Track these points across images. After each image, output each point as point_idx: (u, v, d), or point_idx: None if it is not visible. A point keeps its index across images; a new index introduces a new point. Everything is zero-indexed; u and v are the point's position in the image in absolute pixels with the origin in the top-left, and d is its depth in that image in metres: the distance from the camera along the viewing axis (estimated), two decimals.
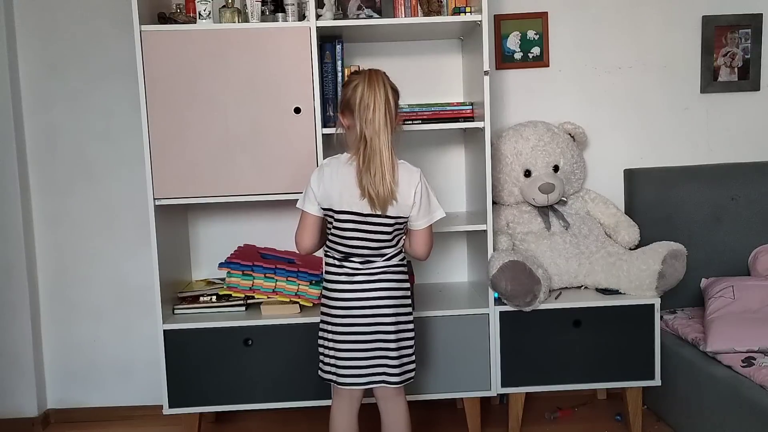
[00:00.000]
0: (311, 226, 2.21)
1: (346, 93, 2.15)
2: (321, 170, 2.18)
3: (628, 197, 3.06)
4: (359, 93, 2.09)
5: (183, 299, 2.72)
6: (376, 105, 2.07)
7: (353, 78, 2.16)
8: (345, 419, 2.24)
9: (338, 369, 2.18)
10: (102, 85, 2.94)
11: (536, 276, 2.56)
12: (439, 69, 2.99)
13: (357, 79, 2.13)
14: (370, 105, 2.07)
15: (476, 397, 2.69)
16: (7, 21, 2.86)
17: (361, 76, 2.13)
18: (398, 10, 2.67)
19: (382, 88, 2.09)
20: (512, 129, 2.93)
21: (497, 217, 2.89)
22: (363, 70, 2.17)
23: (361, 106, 2.08)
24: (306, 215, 2.20)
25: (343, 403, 2.24)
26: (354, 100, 2.10)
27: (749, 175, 3.00)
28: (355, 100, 2.09)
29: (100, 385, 3.06)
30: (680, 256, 2.67)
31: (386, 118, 2.08)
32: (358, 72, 2.19)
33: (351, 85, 2.14)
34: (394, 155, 2.11)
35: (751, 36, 3.06)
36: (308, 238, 2.22)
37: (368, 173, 2.08)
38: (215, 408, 2.64)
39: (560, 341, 2.64)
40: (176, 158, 2.53)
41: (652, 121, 3.09)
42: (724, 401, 2.37)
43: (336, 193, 2.13)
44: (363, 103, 2.08)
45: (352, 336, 2.16)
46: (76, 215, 3.00)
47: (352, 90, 2.11)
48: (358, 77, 2.13)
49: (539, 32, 3.00)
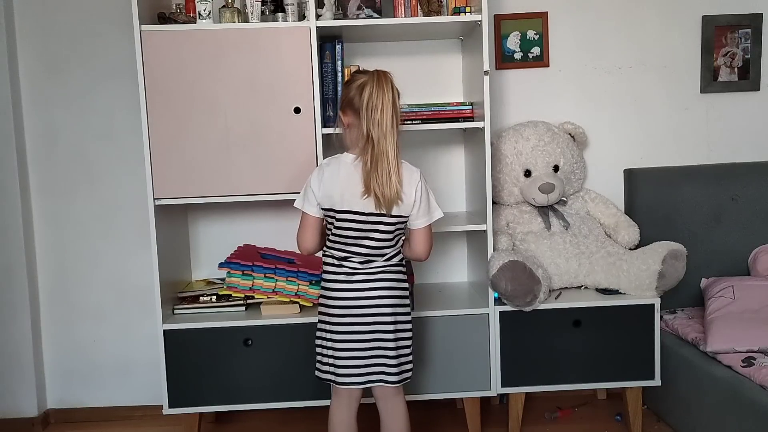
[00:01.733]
0: (312, 227, 2.21)
1: (350, 92, 2.13)
2: (321, 171, 2.17)
3: (628, 197, 3.06)
4: (367, 93, 2.07)
5: (183, 299, 2.72)
6: (384, 106, 2.07)
7: (358, 77, 2.14)
8: (344, 419, 2.24)
9: (336, 369, 2.18)
10: (102, 85, 2.94)
11: (536, 276, 2.56)
12: (439, 69, 2.99)
13: (363, 78, 2.11)
14: (378, 106, 2.06)
15: (476, 397, 2.69)
16: (7, 21, 2.86)
17: (368, 76, 2.11)
18: (398, 10, 2.66)
19: (390, 90, 2.08)
20: (512, 129, 2.93)
21: (497, 217, 2.89)
22: (368, 70, 2.16)
23: (368, 106, 2.07)
24: (306, 216, 2.20)
25: (342, 403, 2.24)
26: (361, 100, 2.08)
27: (749, 175, 3.00)
28: (362, 101, 2.08)
29: (100, 385, 3.06)
30: (680, 256, 2.67)
31: (393, 119, 2.08)
32: (363, 71, 2.18)
33: (356, 84, 2.12)
34: (399, 156, 2.12)
35: (751, 36, 3.06)
36: (310, 238, 2.22)
37: (376, 174, 2.08)
38: (215, 408, 2.64)
39: (560, 341, 2.64)
40: (176, 158, 2.53)
41: (652, 121, 3.09)
42: (724, 401, 2.37)
43: (337, 193, 2.13)
44: (371, 104, 2.07)
45: (351, 335, 2.16)
46: (76, 215, 3.00)
47: (358, 89, 2.10)
48: (364, 77, 2.12)
49: (539, 32, 3.00)
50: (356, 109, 2.11)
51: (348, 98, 2.14)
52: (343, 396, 2.23)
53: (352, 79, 2.17)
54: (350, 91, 2.13)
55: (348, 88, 2.16)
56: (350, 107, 2.14)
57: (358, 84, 2.11)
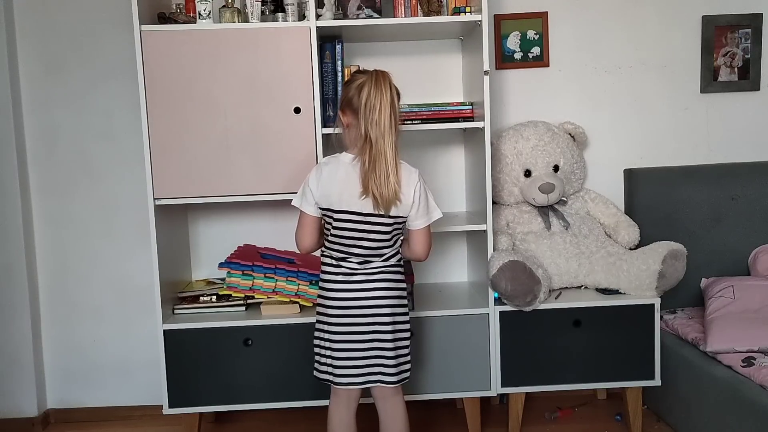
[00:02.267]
0: (310, 226, 2.21)
1: (349, 92, 2.14)
2: (319, 170, 2.18)
3: (628, 197, 3.06)
4: (365, 93, 2.07)
5: (183, 299, 2.72)
6: (383, 106, 2.07)
7: (357, 77, 2.14)
8: (343, 419, 2.24)
9: (335, 369, 2.18)
10: (102, 85, 2.94)
11: (536, 276, 2.56)
12: (439, 69, 2.99)
13: (362, 78, 2.11)
14: (377, 106, 2.06)
15: (476, 397, 2.69)
16: (7, 21, 2.86)
17: (367, 76, 2.11)
18: (398, 10, 2.67)
19: (388, 90, 2.08)
20: (512, 129, 2.93)
21: (497, 217, 2.89)
22: (367, 70, 2.16)
23: (366, 106, 2.07)
24: (304, 215, 2.21)
25: (341, 403, 2.24)
26: (359, 100, 2.09)
27: (749, 175, 3.00)
28: (360, 101, 2.08)
29: (100, 385, 3.06)
30: (680, 256, 2.67)
31: (391, 119, 2.08)
32: (362, 71, 2.18)
33: (355, 84, 2.12)
34: (398, 156, 2.12)
35: (751, 36, 3.06)
36: (308, 238, 2.22)
37: (374, 174, 2.08)
38: (215, 408, 2.64)
39: (560, 341, 2.64)
40: (176, 158, 2.53)
41: (652, 121, 3.09)
42: (724, 401, 2.37)
43: (335, 192, 2.13)
44: (369, 104, 2.07)
45: (349, 336, 2.16)
46: (76, 215, 3.00)
47: (357, 89, 2.10)
48: (363, 76, 2.12)
49: (539, 32, 3.00)
50: (355, 109, 2.11)
51: (347, 98, 2.14)
52: (341, 396, 2.23)
53: (352, 79, 2.17)
54: (349, 91, 2.14)
55: (347, 87, 2.16)
56: (349, 107, 2.14)
57: (357, 84, 2.11)
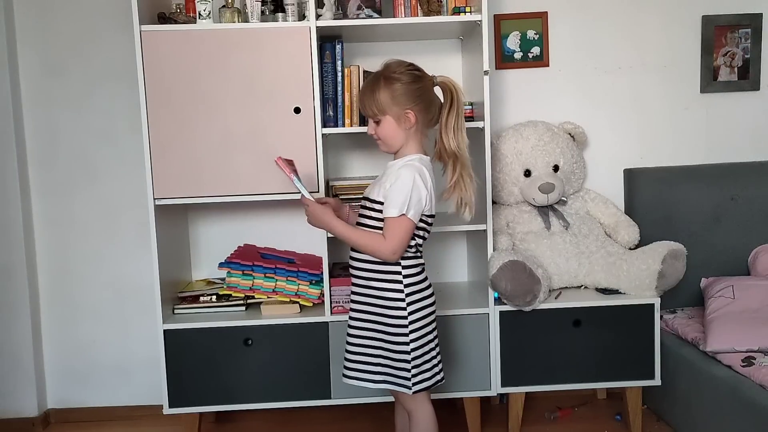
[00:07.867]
0: (410, 234, 2.05)
1: (424, 88, 2.06)
2: (423, 174, 2.03)
3: (627, 197, 3.06)
4: (434, 95, 2.10)
5: (183, 299, 2.72)
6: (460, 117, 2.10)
7: (423, 74, 2.08)
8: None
9: (440, 366, 2.15)
10: (102, 85, 2.94)
11: (536, 276, 2.56)
12: (439, 69, 2.93)
13: (427, 78, 2.09)
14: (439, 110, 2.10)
15: (476, 396, 2.69)
16: (7, 21, 2.86)
17: (429, 77, 2.09)
18: (398, 10, 2.67)
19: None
20: (512, 129, 2.93)
21: (497, 217, 2.89)
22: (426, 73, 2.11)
23: (438, 108, 2.09)
24: (409, 223, 2.01)
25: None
26: (436, 100, 2.09)
27: (749, 175, 3.00)
28: (436, 102, 2.09)
29: (99, 385, 3.06)
30: (680, 256, 2.67)
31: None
32: (418, 68, 2.10)
33: (425, 81, 2.08)
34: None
35: (751, 36, 3.06)
36: (405, 247, 2.05)
37: (462, 180, 2.08)
38: (215, 408, 2.64)
39: (560, 341, 2.64)
40: (176, 158, 2.53)
41: (652, 120, 3.09)
42: (724, 401, 2.37)
43: (432, 196, 2.08)
44: (437, 105, 2.09)
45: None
46: (77, 215, 3.00)
47: (431, 90, 2.09)
48: (426, 76, 2.09)
49: (539, 32, 3.00)
50: (428, 108, 2.07)
51: (426, 96, 2.07)
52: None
53: (420, 76, 2.08)
54: (424, 88, 2.07)
55: (422, 84, 2.07)
56: (424, 104, 2.06)
57: (428, 83, 2.09)
